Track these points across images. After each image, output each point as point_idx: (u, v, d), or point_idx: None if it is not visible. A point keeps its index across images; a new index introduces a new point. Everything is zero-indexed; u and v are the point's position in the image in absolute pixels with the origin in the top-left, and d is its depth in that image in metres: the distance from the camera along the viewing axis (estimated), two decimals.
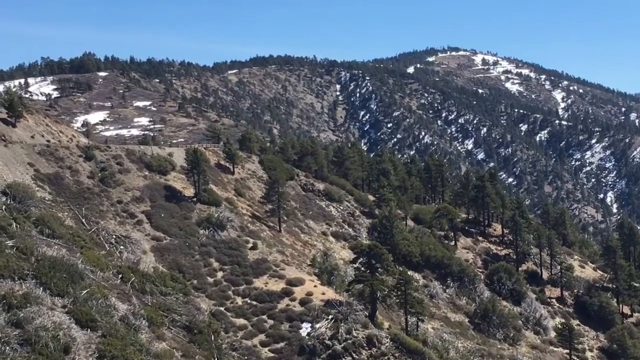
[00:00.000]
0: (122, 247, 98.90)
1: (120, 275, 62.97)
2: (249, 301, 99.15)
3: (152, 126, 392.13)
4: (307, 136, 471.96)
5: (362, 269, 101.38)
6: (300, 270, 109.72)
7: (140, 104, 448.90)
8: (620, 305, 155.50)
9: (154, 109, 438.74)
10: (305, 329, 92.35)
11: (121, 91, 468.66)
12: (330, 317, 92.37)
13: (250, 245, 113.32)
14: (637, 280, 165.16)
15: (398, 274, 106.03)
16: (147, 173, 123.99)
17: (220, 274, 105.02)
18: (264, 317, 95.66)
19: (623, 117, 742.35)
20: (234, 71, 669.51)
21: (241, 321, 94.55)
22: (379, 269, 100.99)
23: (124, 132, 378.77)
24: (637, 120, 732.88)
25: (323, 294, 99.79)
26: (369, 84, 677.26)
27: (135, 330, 49.09)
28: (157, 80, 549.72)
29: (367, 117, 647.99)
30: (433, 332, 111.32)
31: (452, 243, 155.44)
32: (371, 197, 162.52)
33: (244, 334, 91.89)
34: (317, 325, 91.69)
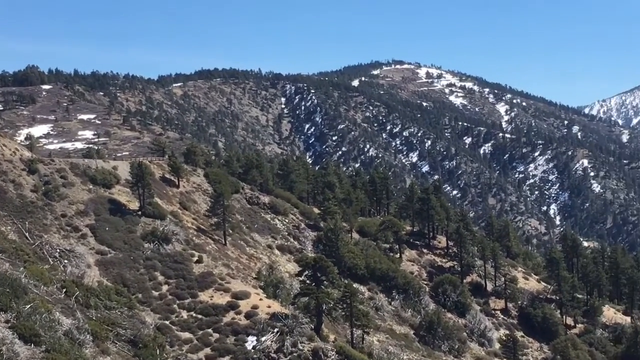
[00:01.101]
0: (66, 261, 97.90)
1: (64, 290, 62.52)
2: (194, 315, 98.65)
3: (96, 139, 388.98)
4: (252, 149, 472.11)
5: (308, 282, 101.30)
6: (245, 284, 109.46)
7: (85, 117, 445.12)
8: (564, 317, 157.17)
9: (99, 122, 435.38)
10: (250, 342, 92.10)
11: (65, 104, 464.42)
12: (275, 330, 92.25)
13: (195, 258, 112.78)
14: (580, 291, 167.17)
15: (343, 287, 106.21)
16: (91, 186, 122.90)
17: (165, 288, 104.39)
18: (210, 330, 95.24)
19: (565, 130, 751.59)
20: (179, 84, 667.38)
21: (186, 335, 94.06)
22: (325, 282, 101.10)
23: (68, 145, 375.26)
24: (579, 133, 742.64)
25: (269, 307, 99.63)
26: (314, 97, 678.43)
27: (79, 345, 48.80)
28: (102, 93, 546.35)
29: (312, 130, 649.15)
30: (378, 344, 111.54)
31: (397, 255, 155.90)
32: (316, 210, 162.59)
33: (189, 348, 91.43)
34: (263, 339, 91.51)
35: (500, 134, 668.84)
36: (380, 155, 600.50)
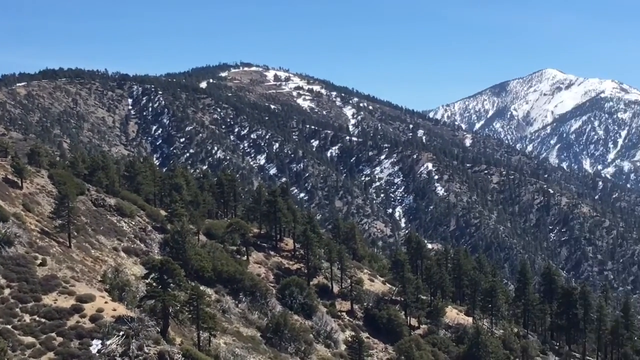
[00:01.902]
0: None
1: None
2: (37, 318, 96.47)
3: None
4: (98, 151, 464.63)
5: (154, 284, 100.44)
6: (91, 287, 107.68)
7: None
8: (408, 318, 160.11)
9: None
10: (95, 346, 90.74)
11: None
12: (121, 333, 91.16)
13: (39, 261, 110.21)
14: (424, 293, 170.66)
15: (190, 289, 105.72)
16: None
17: (7, 291, 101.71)
18: (53, 334, 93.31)
19: (411, 134, 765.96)
20: (23, 84, 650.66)
21: (29, 339, 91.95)
22: (171, 285, 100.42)
23: None
24: (424, 137, 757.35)
25: (114, 310, 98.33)
26: (161, 99, 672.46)
27: None
28: None
29: (159, 131, 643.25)
30: (225, 347, 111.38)
31: (245, 258, 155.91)
32: (163, 212, 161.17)
33: (32, 352, 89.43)
34: (108, 342, 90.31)
35: (347, 137, 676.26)
36: (228, 158, 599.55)
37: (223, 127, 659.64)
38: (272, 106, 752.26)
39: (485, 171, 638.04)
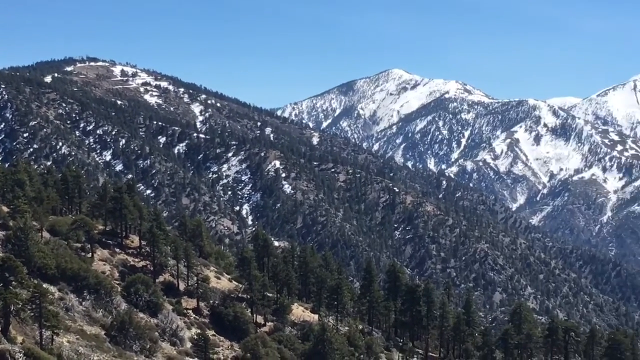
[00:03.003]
0: None
1: None
2: None
3: None
4: None
5: None
6: None
7: None
8: (255, 315, 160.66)
9: None
10: None
11: None
12: None
13: None
14: (271, 290, 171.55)
15: (33, 287, 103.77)
16: None
17: None
18: None
19: (259, 132, 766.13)
20: None
21: None
22: (13, 283, 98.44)
23: None
24: (272, 135, 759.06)
25: None
26: (4, 93, 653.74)
27: None
28: None
29: (1, 126, 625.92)
30: (69, 345, 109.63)
31: (89, 255, 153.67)
32: (5, 209, 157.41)
33: None
34: None
35: (195, 134, 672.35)
36: (73, 154, 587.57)
37: (68, 122, 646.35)
38: (119, 102, 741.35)
39: (332, 169, 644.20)
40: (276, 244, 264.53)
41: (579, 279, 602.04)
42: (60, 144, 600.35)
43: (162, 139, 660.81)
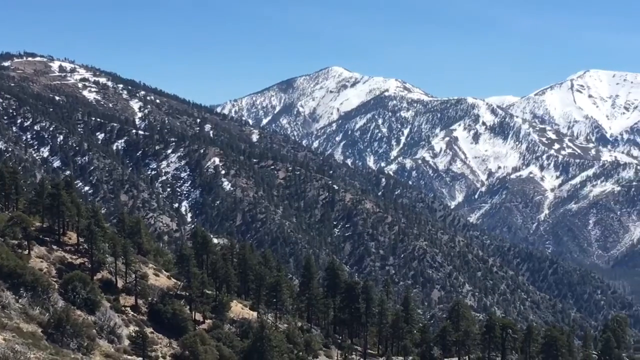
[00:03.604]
0: None
1: None
2: None
3: None
4: None
5: None
6: None
7: None
8: (193, 312, 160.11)
9: None
10: None
11: None
12: None
13: None
14: (210, 287, 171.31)
15: None
16: None
17: None
18: None
19: (198, 128, 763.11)
20: None
21: None
22: None
23: None
24: (211, 132, 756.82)
25: None
26: None
27: None
28: None
29: None
30: (5, 343, 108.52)
31: (26, 252, 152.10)
32: None
33: None
34: None
35: (134, 131, 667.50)
36: (10, 149, 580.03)
37: (5, 118, 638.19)
38: (57, 97, 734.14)
39: (272, 167, 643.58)
40: (215, 241, 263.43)
41: (517, 276, 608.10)
42: None
43: (101, 136, 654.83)
